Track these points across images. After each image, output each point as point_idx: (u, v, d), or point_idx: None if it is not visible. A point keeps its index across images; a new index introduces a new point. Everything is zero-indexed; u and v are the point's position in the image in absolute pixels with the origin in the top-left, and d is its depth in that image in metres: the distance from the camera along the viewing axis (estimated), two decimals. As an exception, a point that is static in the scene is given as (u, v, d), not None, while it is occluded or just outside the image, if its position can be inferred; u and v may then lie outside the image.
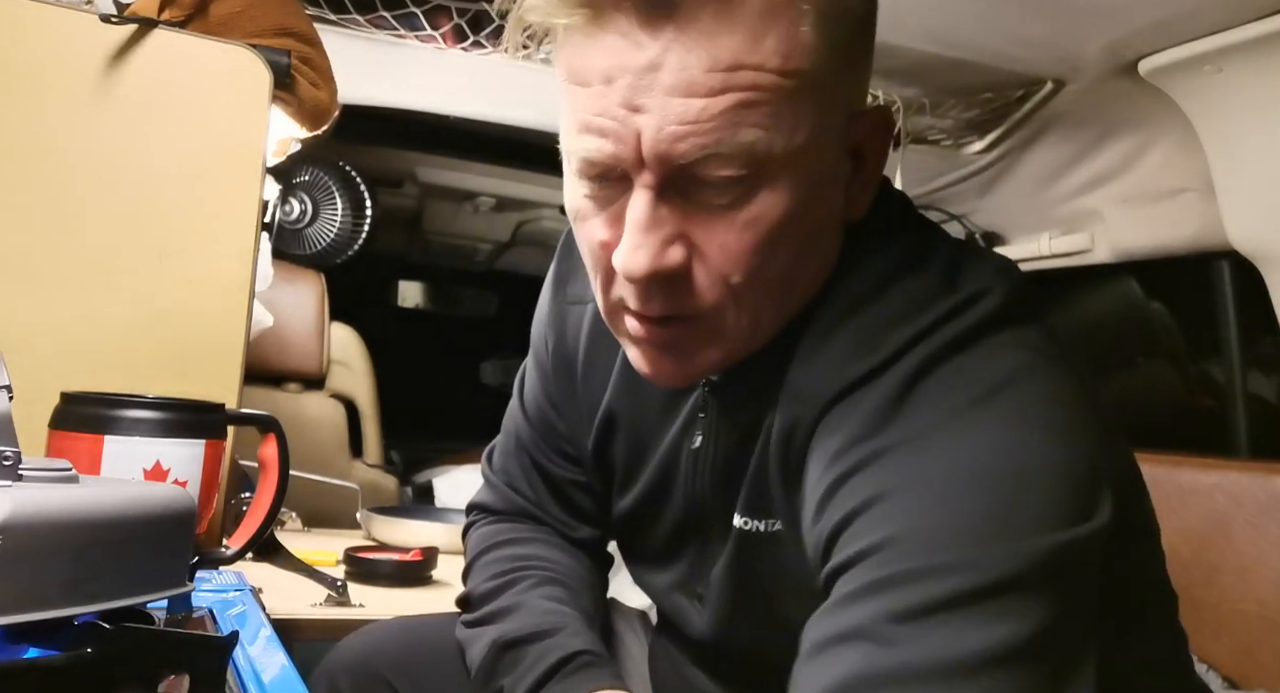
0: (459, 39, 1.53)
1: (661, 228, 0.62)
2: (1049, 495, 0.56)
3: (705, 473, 0.77)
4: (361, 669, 0.91)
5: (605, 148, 0.61)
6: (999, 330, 0.63)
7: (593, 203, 0.66)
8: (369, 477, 2.34)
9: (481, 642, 0.81)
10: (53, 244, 1.04)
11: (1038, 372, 0.62)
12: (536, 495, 0.93)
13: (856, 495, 0.59)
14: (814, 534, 0.62)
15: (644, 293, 0.64)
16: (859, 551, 0.56)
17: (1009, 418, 0.59)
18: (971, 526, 0.54)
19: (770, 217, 0.62)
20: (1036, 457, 0.57)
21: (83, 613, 0.52)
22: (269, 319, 1.84)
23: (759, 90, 0.59)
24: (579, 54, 0.62)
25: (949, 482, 0.56)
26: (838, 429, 0.63)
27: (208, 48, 1.13)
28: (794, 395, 0.67)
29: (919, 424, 0.59)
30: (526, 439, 0.94)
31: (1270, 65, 1.23)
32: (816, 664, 0.54)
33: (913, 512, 0.56)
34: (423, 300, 3.80)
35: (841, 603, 0.55)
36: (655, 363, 0.69)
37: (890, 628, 0.52)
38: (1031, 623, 0.51)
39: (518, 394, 0.97)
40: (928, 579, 0.52)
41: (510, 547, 0.91)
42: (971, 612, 0.51)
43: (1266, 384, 2.17)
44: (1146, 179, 1.63)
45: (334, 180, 2.56)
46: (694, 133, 0.59)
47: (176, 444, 0.82)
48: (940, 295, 0.64)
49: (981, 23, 1.32)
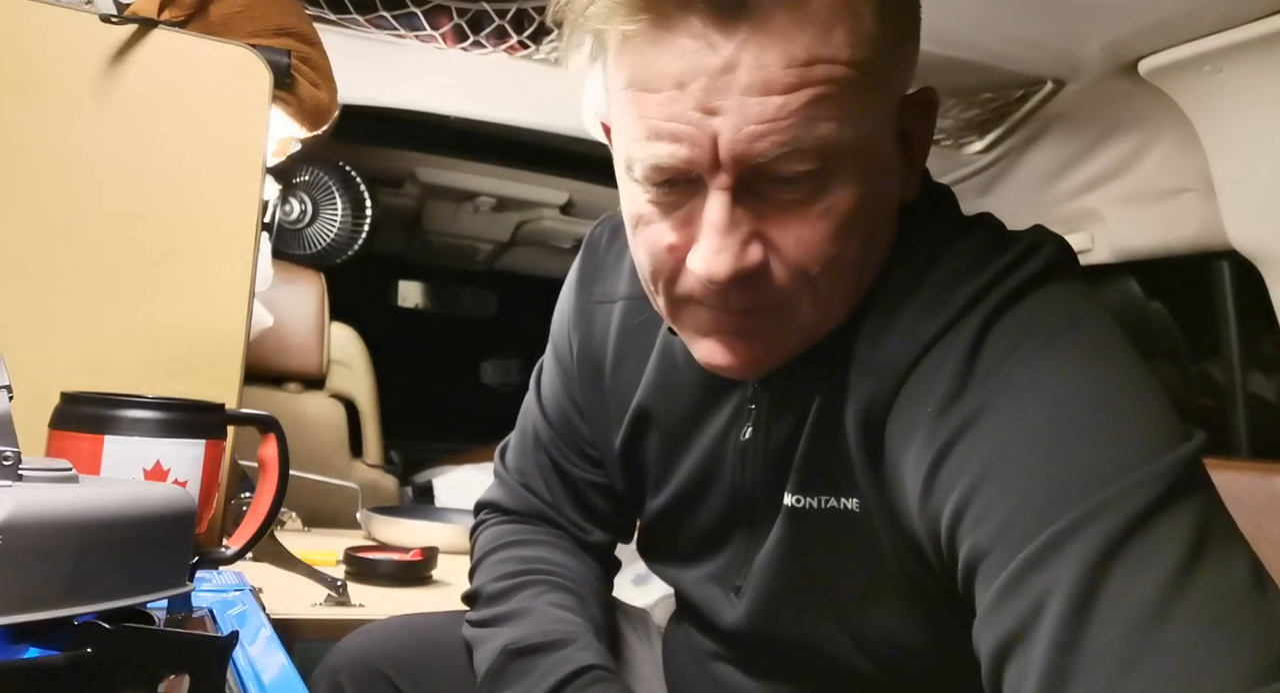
0: (459, 39, 1.53)
1: (739, 228, 0.63)
2: (1150, 423, 0.56)
3: (756, 463, 0.76)
4: (363, 667, 0.91)
5: (679, 153, 0.61)
6: (1056, 280, 0.65)
7: (658, 208, 0.66)
8: (369, 477, 2.34)
9: (490, 645, 0.81)
10: (53, 244, 1.04)
11: (1099, 314, 0.63)
12: (553, 496, 0.93)
13: (965, 471, 0.58)
14: (927, 516, 0.62)
15: (723, 293, 0.65)
16: (991, 534, 0.55)
17: (1085, 357, 0.60)
18: (1089, 473, 0.54)
19: (842, 207, 0.63)
20: (1124, 391, 0.58)
21: (83, 613, 0.52)
22: (269, 319, 1.84)
23: (832, 83, 0.60)
24: (645, 60, 0.61)
25: (1052, 434, 0.56)
26: (921, 396, 0.63)
27: (208, 48, 1.13)
28: (868, 370, 0.67)
29: (1002, 373, 0.60)
30: (545, 439, 0.93)
31: (1270, 65, 1.23)
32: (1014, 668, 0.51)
33: (1031, 476, 0.55)
34: (423, 300, 3.80)
35: (1004, 595, 0.53)
36: (730, 351, 0.69)
37: (1059, 601, 0.50)
38: (1196, 531, 0.51)
39: (535, 393, 0.96)
40: (1078, 534, 0.51)
41: (521, 548, 0.90)
42: (1136, 545, 0.50)
43: (1266, 384, 2.17)
44: (1146, 179, 1.63)
45: (334, 180, 2.56)
46: (773, 131, 0.59)
47: (176, 444, 0.82)
48: (996, 252, 0.66)
49: (981, 23, 1.32)
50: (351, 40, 1.52)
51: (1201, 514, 0.53)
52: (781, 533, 0.74)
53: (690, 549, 0.85)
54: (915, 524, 0.64)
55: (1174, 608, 0.49)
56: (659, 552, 0.90)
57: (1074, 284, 0.67)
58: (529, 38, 1.57)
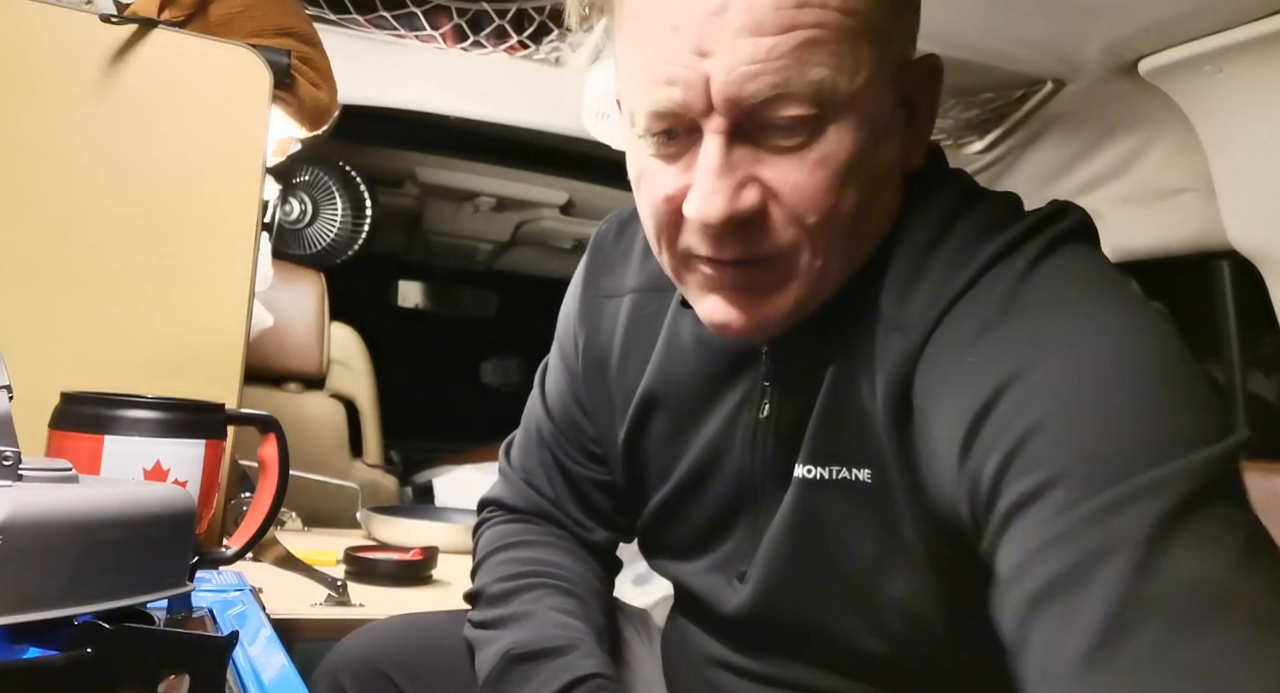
0: (459, 39, 1.53)
1: (735, 172, 0.63)
2: (1208, 396, 0.56)
3: (769, 442, 0.76)
4: (364, 666, 0.91)
5: (674, 95, 0.62)
6: (1084, 241, 0.66)
7: (660, 160, 0.67)
8: (369, 477, 2.34)
9: (491, 649, 0.80)
10: (53, 244, 1.04)
11: (1121, 279, 0.63)
12: (555, 494, 0.93)
13: (1015, 423, 0.57)
14: (967, 470, 0.60)
15: (718, 238, 0.65)
16: (1040, 483, 0.54)
17: (1129, 311, 0.60)
18: (1154, 438, 0.53)
19: (839, 155, 0.63)
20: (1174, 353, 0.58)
21: (83, 613, 0.52)
22: (269, 319, 1.84)
23: (824, 28, 0.61)
24: (644, 6, 0.64)
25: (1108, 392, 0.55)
26: (954, 350, 0.63)
27: (208, 48, 1.13)
28: (893, 328, 0.66)
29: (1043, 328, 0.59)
30: (549, 436, 0.93)
31: (1270, 65, 1.23)
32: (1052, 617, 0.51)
33: (1088, 434, 0.54)
34: (423, 300, 3.79)
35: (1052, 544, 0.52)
36: (733, 307, 0.69)
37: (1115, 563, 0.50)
38: (1247, 522, 0.52)
39: (539, 390, 0.96)
40: (1139, 502, 0.51)
41: (524, 549, 0.90)
42: (1198, 524, 0.50)
43: (1266, 384, 2.17)
44: (1146, 179, 1.63)
45: (334, 180, 2.56)
46: (764, 71, 0.60)
47: (176, 444, 0.82)
48: (1019, 213, 0.67)
49: (981, 23, 1.32)
50: (351, 40, 1.52)
51: (1248, 506, 0.54)
52: (792, 505, 0.74)
53: (693, 539, 0.85)
54: (943, 486, 0.63)
55: (1238, 589, 0.49)
56: (661, 546, 0.90)
57: (1097, 248, 0.67)
58: (529, 38, 1.58)
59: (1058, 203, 0.68)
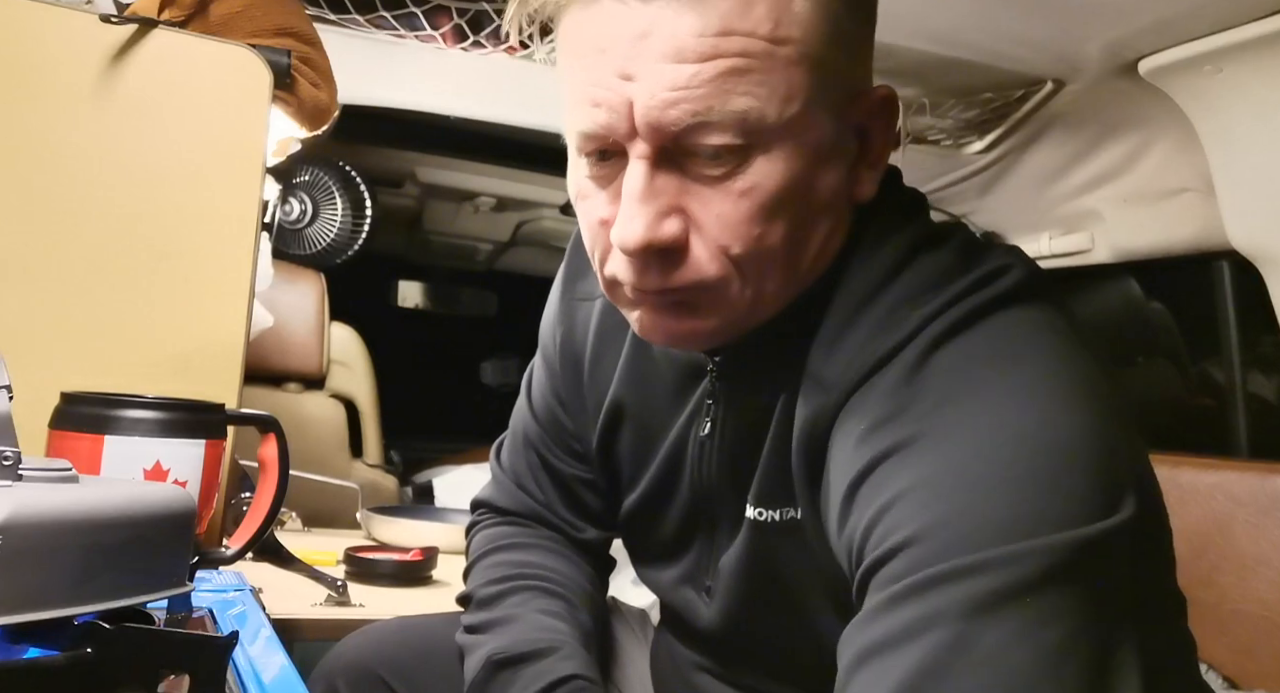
0: (459, 39, 1.53)
1: (657, 199, 0.62)
2: (1078, 485, 0.54)
3: (713, 461, 0.76)
4: (359, 671, 0.91)
5: (599, 118, 0.62)
6: (1018, 305, 0.63)
7: (593, 182, 0.66)
8: (369, 477, 2.34)
9: (476, 655, 0.81)
10: (53, 244, 1.04)
11: (1058, 347, 0.61)
12: (544, 495, 0.93)
13: (885, 490, 0.57)
14: (845, 532, 0.61)
15: (640, 266, 0.64)
16: (892, 547, 0.55)
17: (1030, 392, 0.58)
18: (1007, 517, 0.53)
19: (766, 187, 0.62)
20: (1062, 441, 0.56)
21: (83, 613, 0.52)
22: (269, 319, 1.84)
23: (749, 57, 0.59)
24: (576, 27, 0.63)
25: (977, 470, 0.55)
26: (858, 414, 0.62)
27: (208, 48, 1.13)
28: (816, 384, 0.66)
29: (937, 405, 0.58)
30: (534, 437, 0.94)
31: (1270, 65, 1.23)
32: (869, 673, 0.52)
33: (944, 504, 0.54)
34: (423, 300, 3.79)
35: (882, 607, 0.53)
36: (655, 323, 0.68)
37: (937, 633, 0.50)
38: (1077, 616, 0.51)
39: (525, 392, 0.97)
40: (968, 578, 0.51)
41: (513, 552, 0.90)
42: (1018, 610, 0.50)
43: (1266, 384, 2.17)
44: (1146, 179, 1.63)
45: (334, 180, 2.56)
46: (685, 99, 0.59)
47: (176, 444, 0.82)
48: (959, 271, 0.64)
49: (981, 23, 1.32)
50: (351, 40, 1.52)
51: (1094, 596, 0.52)
52: (745, 544, 0.74)
53: (662, 549, 0.85)
54: (834, 538, 0.64)
55: (1038, 683, 0.49)
56: (636, 552, 0.91)
57: (1037, 311, 0.63)
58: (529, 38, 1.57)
59: (1001, 258, 0.66)
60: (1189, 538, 1.56)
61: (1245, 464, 1.67)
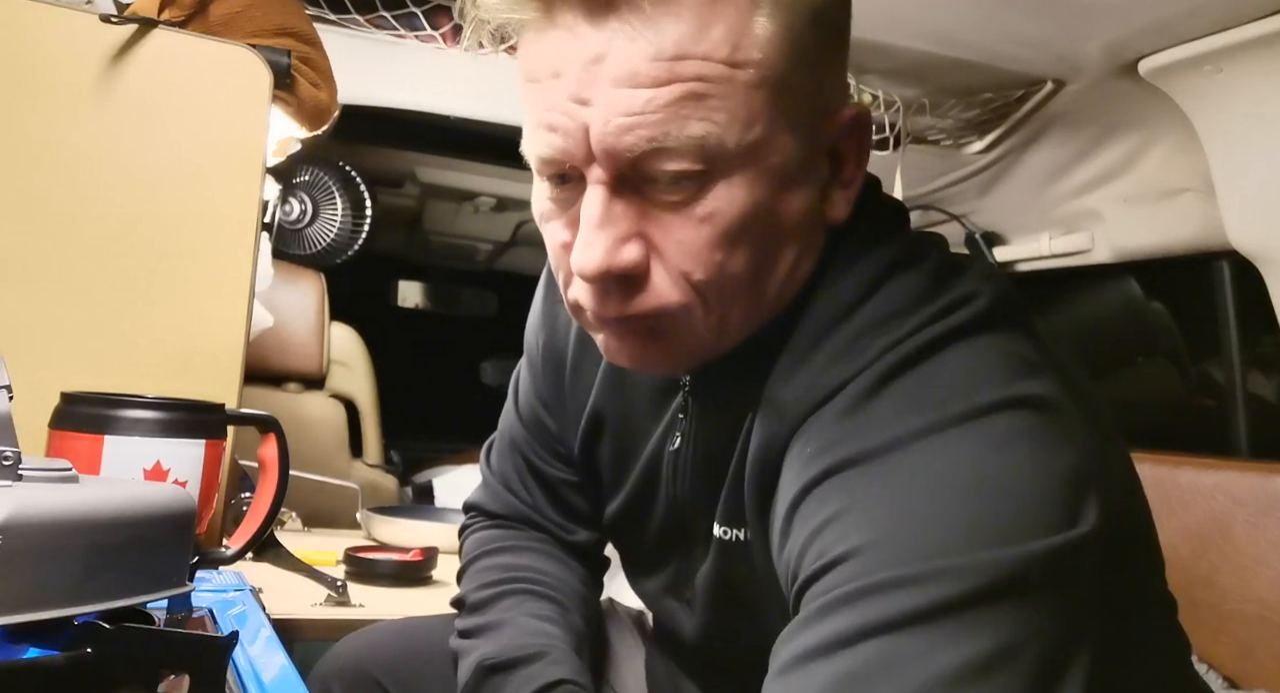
0: (459, 39, 1.53)
1: (615, 225, 0.61)
2: (1021, 503, 0.54)
3: (685, 476, 0.76)
4: (355, 673, 0.91)
5: (555, 142, 0.61)
6: (978, 334, 0.61)
7: (555, 206, 0.65)
8: (369, 477, 2.34)
9: (468, 660, 0.81)
10: (53, 244, 1.04)
11: (1013, 375, 0.60)
12: (532, 498, 0.93)
13: (824, 508, 0.57)
14: (785, 551, 0.61)
15: (600, 293, 0.63)
16: (826, 563, 0.55)
17: (979, 421, 0.57)
18: (941, 536, 0.52)
19: (728, 213, 0.61)
20: (1007, 464, 0.55)
21: (83, 613, 0.52)
22: (269, 319, 1.84)
23: (706, 81, 0.58)
24: (532, 51, 0.62)
25: (917, 491, 0.55)
26: (805, 439, 0.62)
27: (208, 48, 1.13)
28: (772, 409, 0.65)
29: (883, 429, 0.58)
30: (520, 440, 0.94)
31: (1270, 65, 1.23)
32: (788, 682, 0.52)
33: (881, 522, 0.54)
34: (423, 300, 3.80)
35: (812, 618, 0.53)
36: (619, 348, 0.68)
37: (863, 644, 0.50)
38: (1007, 634, 0.50)
39: (513, 396, 0.97)
40: (899, 591, 0.51)
41: (504, 555, 0.90)
42: (945, 624, 0.50)
43: (1266, 384, 2.17)
44: (1146, 179, 1.63)
45: (334, 180, 2.56)
46: (640, 125, 0.58)
47: (176, 444, 0.82)
48: (924, 301, 0.63)
49: (981, 23, 1.32)
50: (351, 40, 1.52)
51: (1034, 615, 0.51)
52: (714, 562, 0.74)
53: (646, 557, 0.86)
54: (776, 557, 0.64)
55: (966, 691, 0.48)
56: (624, 558, 0.92)
57: (1003, 337, 0.62)
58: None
59: (970, 285, 0.64)
60: (1189, 538, 1.56)
61: (1245, 464, 1.67)
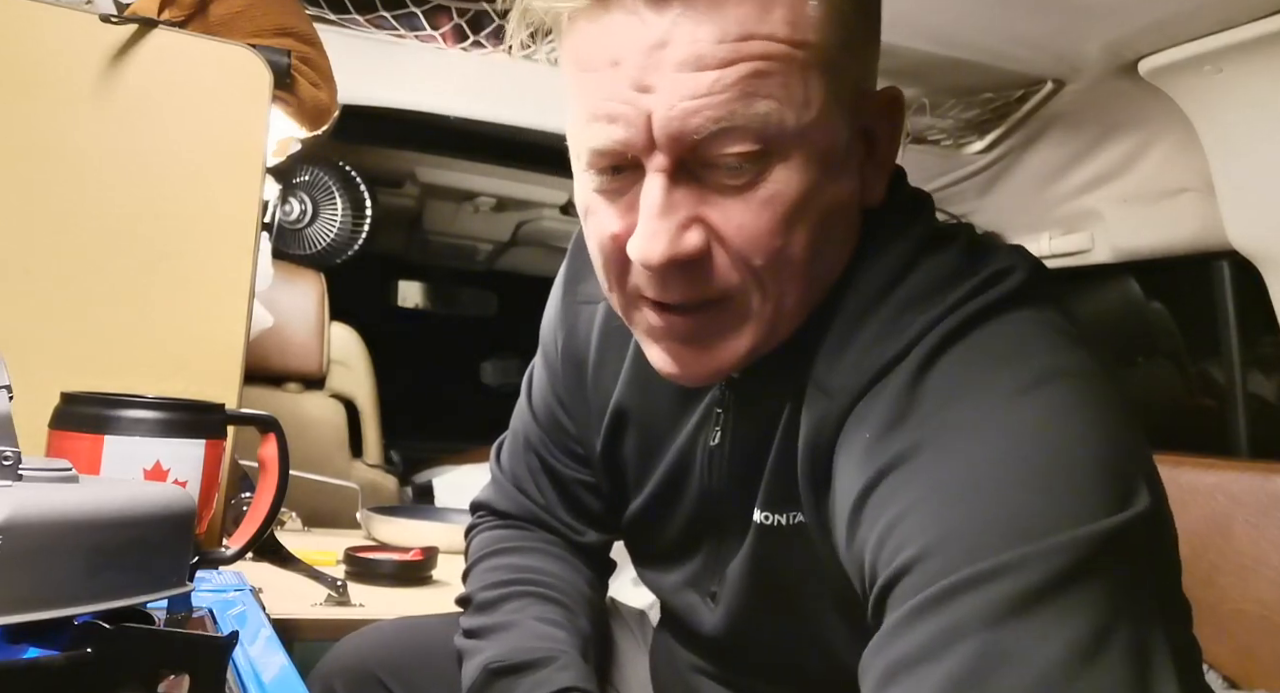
0: (459, 39, 1.53)
1: (677, 212, 0.61)
2: (1088, 481, 0.54)
3: (723, 469, 0.76)
4: (357, 672, 0.91)
5: (615, 133, 0.61)
6: (1020, 308, 0.62)
7: (603, 197, 0.65)
8: (369, 477, 2.34)
9: (474, 661, 0.81)
10: (52, 244, 1.04)
11: (1060, 347, 0.60)
12: (545, 498, 0.93)
13: (893, 503, 0.57)
14: (854, 545, 0.60)
15: (662, 280, 0.63)
16: (905, 562, 0.54)
17: (1033, 394, 0.57)
18: (1015, 522, 0.52)
19: (787, 195, 0.61)
20: (1067, 439, 0.55)
21: (83, 613, 0.52)
22: (269, 319, 1.84)
23: (770, 60, 0.59)
24: (585, 40, 0.62)
25: (983, 475, 0.54)
26: (863, 423, 0.62)
27: (208, 48, 1.13)
28: (821, 391, 0.65)
29: (940, 411, 0.58)
30: (535, 439, 0.93)
31: (1270, 65, 1.23)
32: (899, 690, 0.51)
33: (954, 513, 0.54)
34: (423, 300, 3.80)
35: (902, 623, 0.52)
36: (679, 359, 0.68)
37: (967, 641, 0.49)
38: (1099, 614, 0.49)
39: (526, 394, 0.96)
40: (989, 584, 0.50)
41: (512, 555, 0.90)
42: (1043, 611, 0.49)
43: (1266, 384, 2.17)
44: (1146, 179, 1.63)
45: (334, 180, 2.56)
46: (706, 106, 0.58)
47: (176, 444, 0.82)
48: (962, 275, 0.64)
49: (981, 23, 1.32)
50: (351, 40, 1.52)
51: (1118, 590, 0.51)
52: (752, 549, 0.74)
53: (666, 553, 0.85)
54: (844, 556, 0.63)
55: (1075, 679, 0.48)
56: (640, 555, 0.91)
57: (1039, 312, 0.63)
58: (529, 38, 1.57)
59: (1005, 259, 0.65)
60: (1189, 538, 1.56)
61: (1245, 464, 1.67)
